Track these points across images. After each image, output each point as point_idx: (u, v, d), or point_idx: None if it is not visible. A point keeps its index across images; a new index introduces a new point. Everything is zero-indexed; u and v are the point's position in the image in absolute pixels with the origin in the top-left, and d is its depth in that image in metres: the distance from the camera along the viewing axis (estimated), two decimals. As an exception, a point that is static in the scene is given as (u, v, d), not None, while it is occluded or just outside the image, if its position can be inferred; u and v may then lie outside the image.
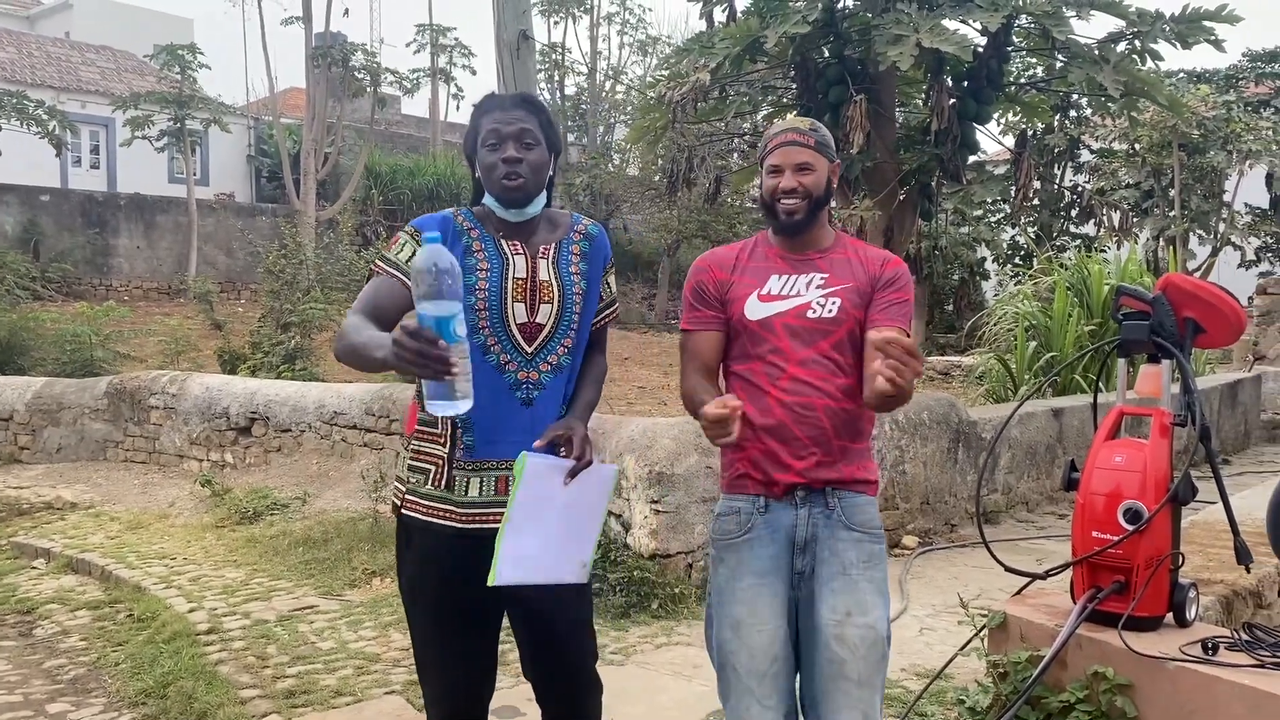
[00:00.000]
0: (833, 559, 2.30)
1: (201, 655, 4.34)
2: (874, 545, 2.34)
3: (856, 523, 2.33)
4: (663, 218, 22.24)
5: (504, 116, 2.31)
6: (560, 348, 2.35)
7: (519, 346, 2.30)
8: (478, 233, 2.34)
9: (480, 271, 2.30)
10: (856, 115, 7.56)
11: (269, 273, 12.67)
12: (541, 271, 2.34)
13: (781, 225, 2.39)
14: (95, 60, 25.90)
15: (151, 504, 7.57)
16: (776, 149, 2.40)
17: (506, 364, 2.30)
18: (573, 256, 2.40)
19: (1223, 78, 20.30)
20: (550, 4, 26.42)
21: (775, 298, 2.36)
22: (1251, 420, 10.62)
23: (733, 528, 2.38)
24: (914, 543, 5.96)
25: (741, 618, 2.29)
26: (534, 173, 2.30)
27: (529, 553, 2.20)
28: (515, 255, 2.33)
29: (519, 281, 2.31)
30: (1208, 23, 7.46)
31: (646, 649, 4.31)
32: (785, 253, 2.43)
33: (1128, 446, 2.60)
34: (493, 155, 2.30)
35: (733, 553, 2.37)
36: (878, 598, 2.29)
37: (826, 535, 2.32)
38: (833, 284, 2.35)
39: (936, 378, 14.17)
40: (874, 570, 2.32)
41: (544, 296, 2.33)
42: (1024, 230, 18.94)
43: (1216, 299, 2.64)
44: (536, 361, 2.32)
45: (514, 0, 6.47)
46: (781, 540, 2.33)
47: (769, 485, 2.34)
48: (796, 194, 2.35)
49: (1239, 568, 2.69)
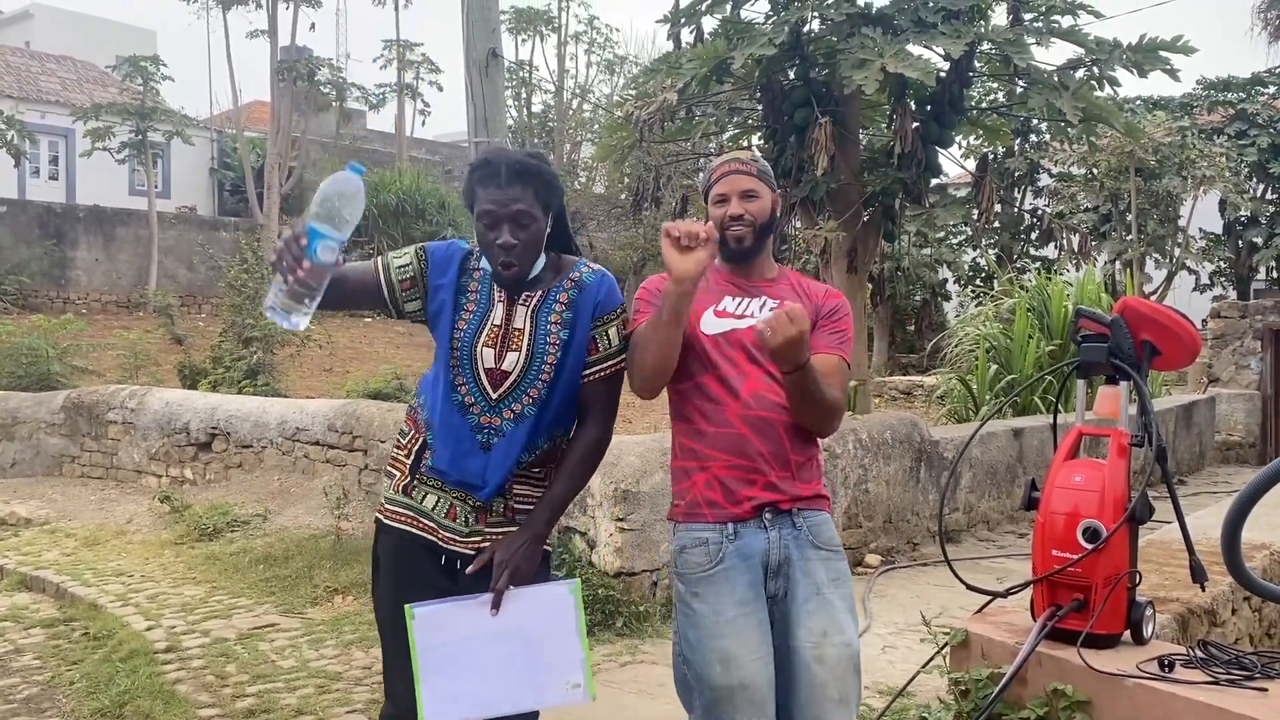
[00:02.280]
0: (806, 580, 2.32)
1: (159, 674, 4.28)
2: (839, 563, 2.39)
3: (823, 541, 2.37)
4: (629, 236, 22.32)
5: (500, 196, 2.27)
6: (526, 397, 2.32)
7: (484, 391, 2.32)
8: (480, 274, 2.38)
9: (466, 312, 2.35)
10: (821, 137, 7.64)
11: (231, 287, 12.55)
12: (517, 319, 2.34)
13: (730, 252, 2.45)
14: (55, 70, 25.58)
15: (109, 520, 7.45)
16: (721, 179, 2.47)
17: (470, 406, 2.32)
18: (557, 305, 2.36)
19: (1178, 105, 20.73)
20: (519, 22, 26.49)
21: (730, 315, 2.41)
22: (1206, 441, 10.82)
23: (703, 559, 2.34)
24: (877, 561, 6.01)
25: (732, 651, 2.25)
26: (529, 252, 2.31)
27: (465, 689, 2.17)
28: (499, 303, 2.36)
29: (494, 328, 2.33)
30: (1163, 52, 7.63)
31: (611, 667, 4.31)
32: (735, 278, 2.49)
33: (1086, 466, 2.64)
34: (488, 234, 2.30)
35: (709, 585, 2.32)
36: (849, 615, 2.34)
37: (798, 556, 2.34)
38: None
39: (899, 397, 14.31)
40: (843, 587, 2.36)
41: (513, 344, 2.32)
42: (985, 252, 19.21)
43: (1172, 322, 2.69)
44: (500, 408, 2.31)
45: (483, 18, 6.49)
46: (756, 566, 2.32)
47: (735, 505, 2.32)
48: (743, 220, 2.41)
49: (1194, 586, 2.74)
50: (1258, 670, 2.40)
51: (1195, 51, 7.63)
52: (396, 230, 22.63)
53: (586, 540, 5.11)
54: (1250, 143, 19.17)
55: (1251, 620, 3.74)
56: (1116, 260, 18.43)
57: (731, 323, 2.39)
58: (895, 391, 14.55)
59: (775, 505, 2.32)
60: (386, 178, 23.76)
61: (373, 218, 22.53)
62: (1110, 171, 17.72)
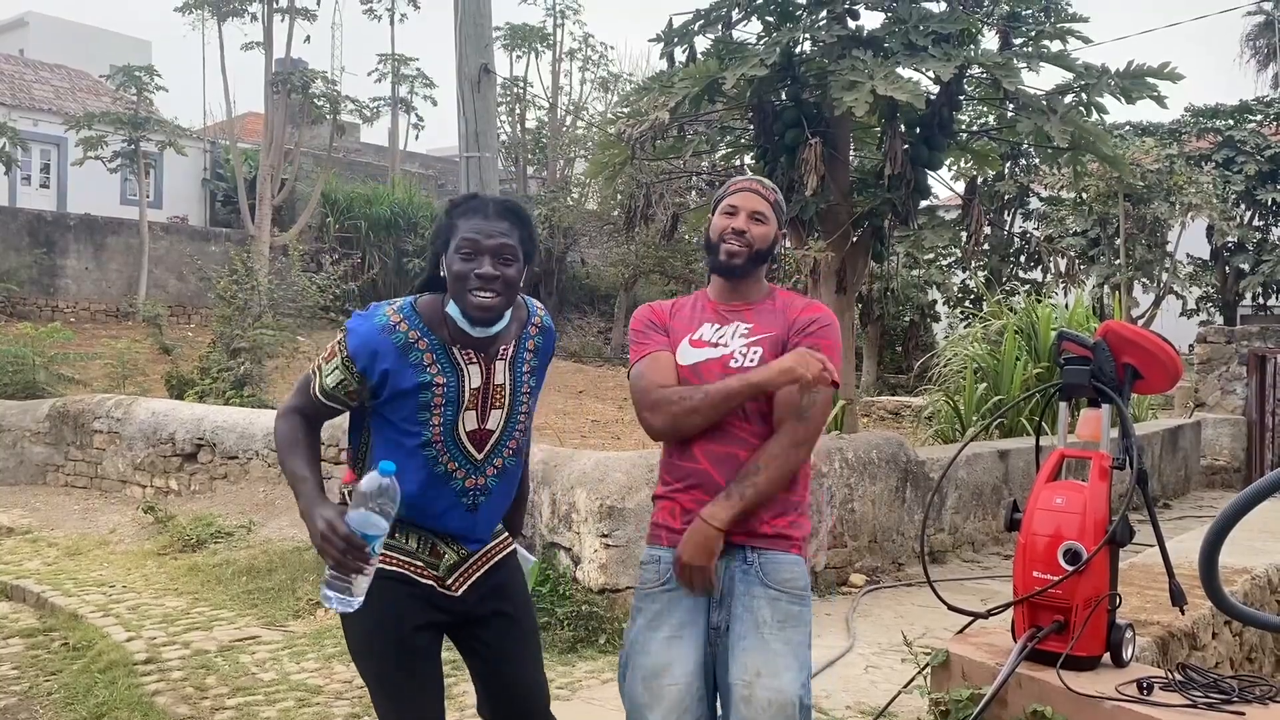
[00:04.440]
0: (746, 615, 2.26)
1: (138, 685, 4.25)
2: (792, 606, 2.29)
3: (775, 581, 2.28)
4: (620, 252, 22.37)
5: (486, 227, 2.17)
6: (506, 450, 2.32)
7: (468, 454, 2.26)
8: (426, 343, 2.21)
9: (437, 388, 2.20)
10: (812, 158, 7.68)
11: (220, 298, 12.53)
12: (497, 374, 2.28)
13: (718, 264, 2.42)
14: (49, 78, 25.55)
15: (92, 530, 7.41)
16: (738, 192, 2.45)
17: (454, 471, 2.26)
18: (527, 354, 2.34)
19: (1166, 131, 20.90)
20: (514, 39, 26.57)
21: (705, 344, 2.38)
22: (1192, 465, 10.85)
23: (652, 577, 2.36)
24: (861, 581, 6.01)
25: (654, 670, 2.27)
26: (508, 289, 2.19)
27: None
28: (469, 364, 2.24)
29: (474, 391, 2.24)
30: (1151, 79, 7.70)
31: (593, 684, 4.29)
32: (719, 304, 2.45)
33: (1068, 489, 2.66)
34: (465, 265, 2.15)
35: (650, 603, 2.34)
36: (791, 659, 2.23)
37: (742, 590, 2.28)
38: (757, 333, 2.37)
39: (887, 417, 14.33)
40: (790, 630, 2.26)
41: (496, 402, 2.28)
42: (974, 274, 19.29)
43: (1155, 346, 2.71)
44: (484, 467, 2.28)
45: (476, 35, 6.52)
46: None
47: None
48: (743, 239, 2.39)
49: (1175, 609, 2.75)
50: (1236, 694, 2.42)
51: (1182, 79, 7.71)
52: (388, 243, 22.65)
53: (571, 556, 5.10)
54: (1238, 170, 19.33)
55: (1232, 644, 3.76)
56: (1105, 284, 18.52)
57: (706, 352, 2.37)
58: (883, 411, 14.58)
59: (726, 537, 2.26)
60: (379, 191, 23.80)
61: (365, 230, 22.56)
62: (1099, 196, 17.83)
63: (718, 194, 2.53)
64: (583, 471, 5.17)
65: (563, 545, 5.15)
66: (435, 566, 2.28)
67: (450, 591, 2.29)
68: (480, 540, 2.34)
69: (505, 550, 2.42)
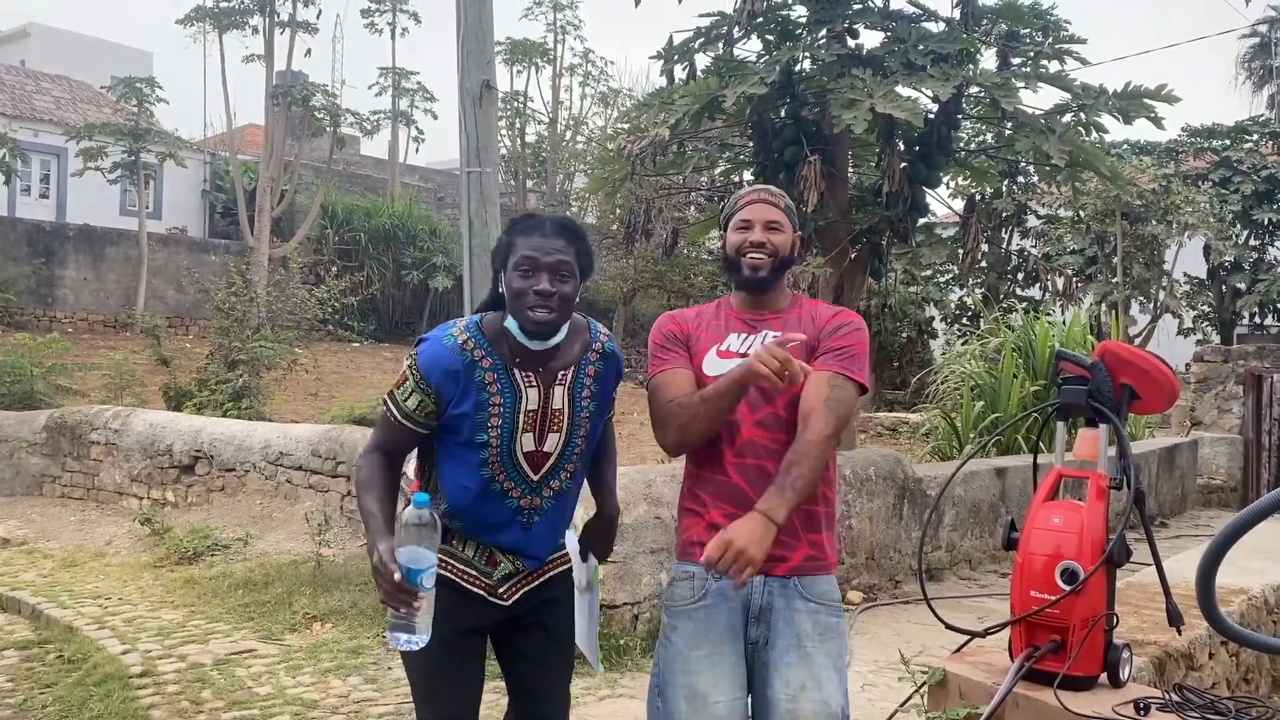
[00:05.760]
0: (788, 629, 2.26)
1: (133, 699, 4.24)
2: (830, 618, 2.30)
3: (814, 594, 2.29)
4: (620, 267, 22.39)
5: (544, 244, 2.23)
6: (564, 472, 2.37)
7: (525, 475, 2.32)
8: (490, 362, 2.28)
9: (494, 407, 2.27)
10: (811, 175, 7.70)
11: (219, 309, 12.53)
12: (555, 399, 2.32)
13: (745, 280, 2.39)
14: (50, 89, 25.61)
15: (88, 541, 7.39)
16: (748, 205, 2.42)
17: (510, 490, 2.32)
18: (587, 379, 2.37)
19: (1163, 150, 20.98)
20: (514, 54, 26.68)
21: (733, 355, 2.35)
22: (1188, 484, 10.86)
23: (687, 594, 2.34)
24: (859, 598, 6.00)
25: (700, 688, 2.24)
26: (564, 305, 2.25)
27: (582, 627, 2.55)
28: (529, 388, 2.29)
29: (530, 414, 2.29)
30: (1148, 100, 7.73)
31: (590, 701, 4.29)
32: (744, 313, 2.43)
33: (1066, 508, 2.66)
34: (524, 282, 2.21)
35: (687, 620, 2.32)
36: (833, 672, 2.24)
37: (782, 605, 2.27)
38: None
39: (884, 434, 14.33)
40: (830, 643, 2.27)
41: (553, 426, 2.32)
42: (972, 291, 19.32)
43: (1152, 367, 2.73)
44: (540, 488, 2.35)
45: (478, 51, 6.54)
46: (737, 607, 2.29)
47: None
48: (765, 249, 2.36)
49: (1172, 629, 2.75)
50: (1232, 715, 2.42)
51: (1178, 101, 7.74)
52: (387, 256, 22.67)
53: (568, 571, 5.10)
54: (1234, 189, 19.39)
55: (1229, 665, 3.76)
56: (1102, 302, 18.55)
57: (735, 362, 2.31)
58: (880, 428, 14.58)
59: (765, 573, 2.24)
60: (379, 203, 23.84)
61: (364, 243, 22.59)
62: (1097, 214, 17.88)
63: (726, 210, 2.50)
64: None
65: (560, 560, 5.14)
66: (489, 575, 2.35)
67: (500, 601, 2.37)
68: (536, 558, 2.41)
69: (562, 567, 2.49)
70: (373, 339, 21.29)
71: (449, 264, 21.66)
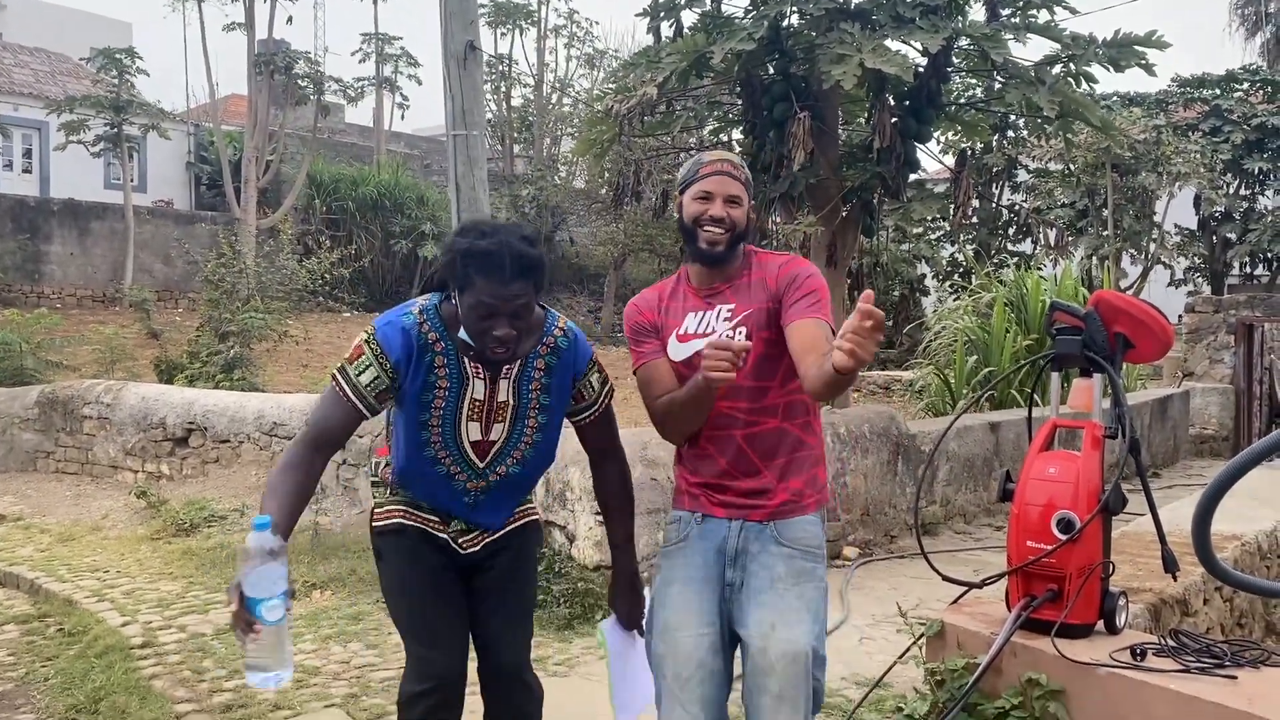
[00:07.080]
0: (762, 572, 2.34)
1: (135, 670, 4.25)
2: (806, 562, 2.35)
3: (788, 538, 2.36)
4: (609, 231, 22.28)
5: (503, 292, 2.18)
6: (510, 459, 2.42)
7: (470, 462, 2.39)
8: (442, 346, 2.30)
9: (439, 390, 2.31)
10: (800, 132, 7.64)
11: (208, 281, 12.47)
12: (501, 392, 2.36)
13: (701, 253, 2.41)
14: (29, 62, 25.28)
15: (84, 516, 7.39)
16: (709, 176, 2.41)
17: (456, 474, 2.39)
18: (535, 372, 2.39)
19: (1153, 101, 20.88)
20: (498, 16, 26.38)
21: (692, 336, 2.42)
22: (1181, 434, 10.92)
23: (673, 536, 2.47)
24: (854, 554, 6.04)
25: (669, 623, 2.35)
26: (525, 339, 2.31)
27: (636, 692, 2.57)
28: (476, 378, 2.33)
29: (476, 403, 2.34)
30: (1138, 47, 7.68)
31: (590, 660, 4.31)
32: (699, 287, 2.46)
33: (1061, 458, 2.66)
34: (481, 324, 2.21)
35: (668, 559, 2.45)
36: (805, 614, 2.29)
37: (757, 549, 2.36)
38: (739, 312, 2.39)
39: (877, 391, 14.37)
40: (803, 585, 2.32)
41: (499, 416, 2.38)
42: (963, 247, 19.30)
43: (1146, 315, 2.72)
44: (487, 473, 2.41)
45: (461, 11, 6.45)
46: (711, 550, 2.39)
47: (711, 506, 2.42)
48: (723, 224, 2.38)
49: (1167, 576, 2.77)
50: (1228, 659, 2.44)
51: (1169, 46, 7.69)
52: (375, 224, 22.53)
53: (566, 534, 5.12)
54: (1225, 139, 19.33)
55: (1223, 610, 3.79)
56: (1093, 255, 18.55)
57: (694, 344, 2.39)
58: (873, 386, 14.61)
59: (744, 519, 2.38)
60: (365, 172, 23.65)
61: (351, 212, 22.43)
62: (1087, 167, 17.83)
63: (685, 174, 2.47)
64: (576, 450, 5.12)
65: (557, 524, 5.16)
66: (449, 526, 2.45)
67: (461, 549, 2.47)
68: (489, 527, 2.50)
69: (522, 521, 2.56)
70: (363, 309, 21.22)
71: (437, 231, 21.52)
